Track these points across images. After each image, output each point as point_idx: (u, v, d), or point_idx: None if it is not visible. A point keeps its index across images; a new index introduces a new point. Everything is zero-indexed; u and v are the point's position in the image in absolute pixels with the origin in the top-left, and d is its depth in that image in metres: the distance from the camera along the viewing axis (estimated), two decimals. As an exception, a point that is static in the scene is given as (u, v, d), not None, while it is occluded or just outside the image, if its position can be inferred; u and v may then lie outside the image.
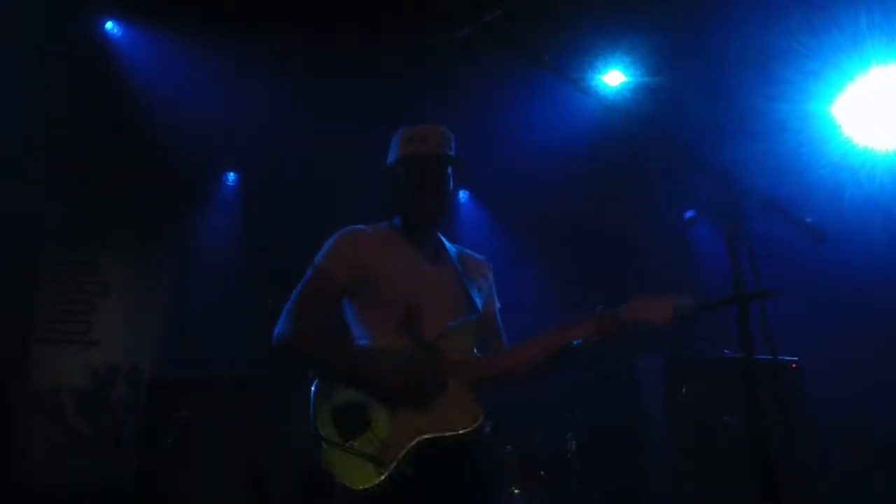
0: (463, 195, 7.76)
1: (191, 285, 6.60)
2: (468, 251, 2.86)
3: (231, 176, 7.14)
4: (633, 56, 5.97)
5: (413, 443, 2.33)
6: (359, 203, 2.49)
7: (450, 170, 2.68)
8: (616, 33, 5.76)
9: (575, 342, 2.49)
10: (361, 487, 2.27)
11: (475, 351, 2.54)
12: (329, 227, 2.65)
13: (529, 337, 2.54)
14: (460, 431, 2.37)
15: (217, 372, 5.39)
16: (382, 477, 2.28)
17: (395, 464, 2.29)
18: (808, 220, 1.92)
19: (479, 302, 2.66)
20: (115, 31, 5.93)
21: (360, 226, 2.67)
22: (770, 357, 1.82)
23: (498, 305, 2.85)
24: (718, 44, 5.55)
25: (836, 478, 4.66)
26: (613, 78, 6.09)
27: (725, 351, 4.72)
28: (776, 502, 1.72)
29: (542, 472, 5.17)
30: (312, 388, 2.45)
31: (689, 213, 6.61)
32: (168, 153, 6.28)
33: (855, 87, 5.65)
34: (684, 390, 4.57)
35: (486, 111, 6.26)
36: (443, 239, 2.79)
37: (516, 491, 5.08)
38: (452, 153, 2.66)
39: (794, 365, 4.73)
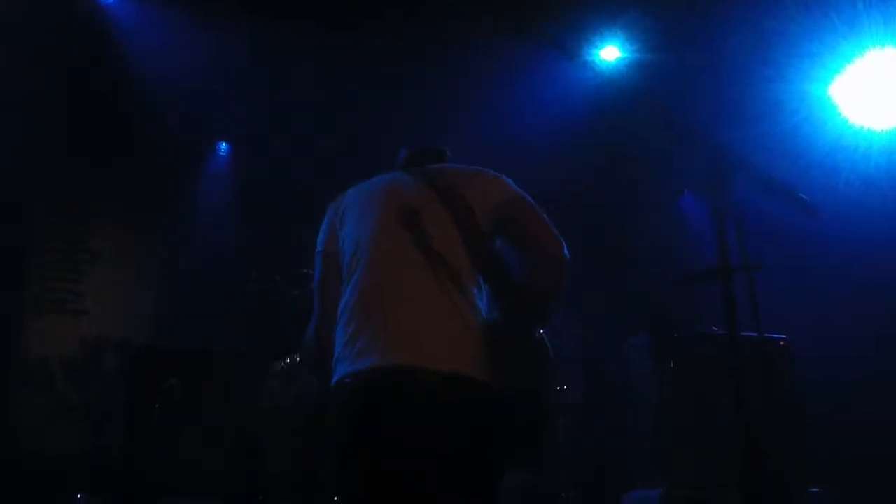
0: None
1: (182, 256, 6.58)
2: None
3: (223, 146, 7.09)
4: (629, 33, 5.92)
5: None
6: (353, 175, 2.42)
7: None
8: (613, 10, 5.71)
9: None
10: None
11: None
12: (323, 200, 2.42)
13: None
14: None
15: (208, 342, 5.39)
16: None
17: None
18: (801, 195, 1.91)
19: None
20: (108, -2, 5.87)
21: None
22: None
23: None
24: (715, 24, 5.52)
25: (824, 454, 4.69)
26: (609, 54, 6.03)
27: (713, 327, 4.73)
28: (760, 476, 1.72)
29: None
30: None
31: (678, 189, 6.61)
32: (160, 122, 6.24)
33: (852, 70, 5.63)
34: (672, 366, 4.59)
35: (482, 86, 6.23)
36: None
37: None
38: None
39: (781, 343, 4.75)
